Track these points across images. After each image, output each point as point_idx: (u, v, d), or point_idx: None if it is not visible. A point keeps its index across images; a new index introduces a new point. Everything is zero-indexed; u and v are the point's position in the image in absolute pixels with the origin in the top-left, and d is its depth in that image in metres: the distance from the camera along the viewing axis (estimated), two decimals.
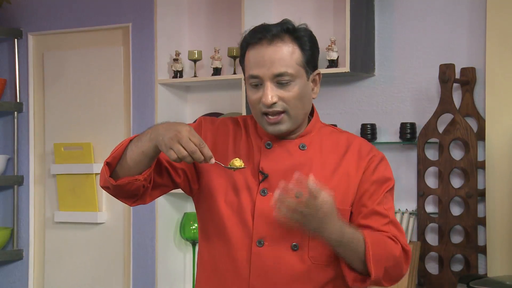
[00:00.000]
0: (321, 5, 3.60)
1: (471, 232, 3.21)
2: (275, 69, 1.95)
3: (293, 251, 1.97)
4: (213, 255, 2.05)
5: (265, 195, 1.99)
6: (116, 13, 4.10)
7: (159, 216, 3.77)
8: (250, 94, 1.99)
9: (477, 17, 3.28)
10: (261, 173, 2.00)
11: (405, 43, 3.44)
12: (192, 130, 1.87)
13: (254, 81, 1.97)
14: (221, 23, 3.87)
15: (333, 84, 3.58)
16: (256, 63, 1.96)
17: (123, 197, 2.03)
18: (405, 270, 1.99)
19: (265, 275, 1.97)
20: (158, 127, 1.92)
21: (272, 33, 1.96)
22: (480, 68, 3.27)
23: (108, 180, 1.97)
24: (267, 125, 1.99)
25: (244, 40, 2.01)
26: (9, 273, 4.38)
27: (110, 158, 1.97)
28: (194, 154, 1.85)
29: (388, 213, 2.00)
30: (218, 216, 2.02)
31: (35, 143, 4.34)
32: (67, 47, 4.26)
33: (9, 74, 4.38)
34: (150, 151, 1.92)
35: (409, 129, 3.35)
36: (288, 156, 2.02)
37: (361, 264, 1.92)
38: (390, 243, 1.95)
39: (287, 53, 1.96)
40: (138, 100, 4.03)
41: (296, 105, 1.98)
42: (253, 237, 1.97)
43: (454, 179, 3.30)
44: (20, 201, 4.34)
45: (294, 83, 1.97)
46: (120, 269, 4.11)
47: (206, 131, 2.08)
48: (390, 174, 2.06)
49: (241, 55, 2.03)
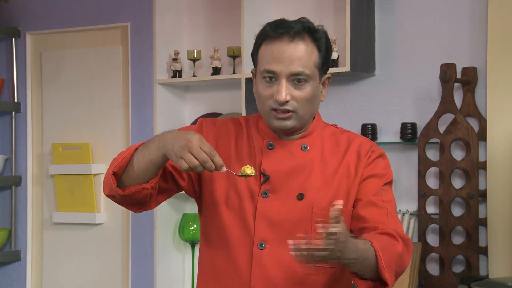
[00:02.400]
0: (321, 4, 3.58)
1: (472, 233, 3.19)
2: (294, 68, 1.93)
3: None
4: (214, 258, 2.03)
5: (266, 197, 1.97)
6: (114, 12, 4.09)
7: (158, 217, 3.75)
8: (262, 88, 1.96)
9: (479, 17, 3.26)
10: (262, 174, 1.99)
11: (406, 42, 3.42)
12: (203, 139, 1.85)
13: (269, 75, 1.95)
14: (221, 23, 3.85)
15: (334, 84, 3.55)
16: (275, 58, 1.93)
17: (129, 205, 2.01)
18: (408, 261, 1.97)
19: (266, 277, 1.96)
20: (166, 135, 1.90)
21: (294, 30, 1.93)
22: (482, 67, 3.25)
23: (115, 190, 1.95)
24: (274, 119, 1.97)
25: (263, 33, 1.98)
26: (6, 275, 4.36)
27: (116, 168, 1.93)
28: (205, 163, 1.83)
29: (384, 204, 1.98)
30: (220, 218, 2.00)
31: (33, 143, 4.32)
32: (65, 46, 4.24)
33: (7, 73, 4.36)
34: (158, 160, 1.90)
35: (410, 129, 3.33)
36: (290, 157, 2.00)
37: (373, 273, 1.88)
38: (392, 243, 1.93)
39: (306, 53, 1.94)
40: (137, 100, 4.01)
41: (306, 106, 1.97)
42: (255, 240, 1.96)
43: (455, 179, 3.28)
44: (18, 202, 4.32)
45: (308, 84, 1.96)
46: (118, 271, 4.08)
47: (208, 133, 2.06)
48: (388, 168, 2.05)
49: (255, 46, 2.00)
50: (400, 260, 1.93)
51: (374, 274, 1.88)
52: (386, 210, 1.98)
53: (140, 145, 1.95)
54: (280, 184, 1.97)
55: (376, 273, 1.87)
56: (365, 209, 1.97)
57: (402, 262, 1.94)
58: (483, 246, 3.21)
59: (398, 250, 1.92)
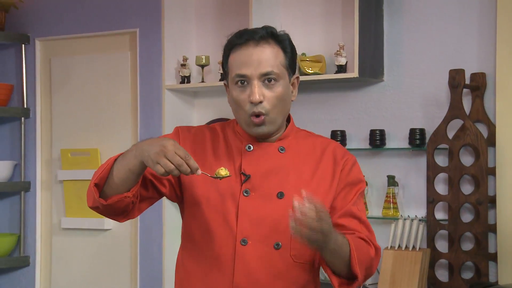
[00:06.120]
0: (330, 10, 3.58)
1: (481, 239, 3.17)
2: (263, 68, 2.02)
3: (275, 249, 2.03)
4: (196, 257, 2.09)
5: (248, 195, 2.05)
6: (123, 18, 4.10)
7: (166, 222, 3.76)
8: (237, 94, 2.05)
9: (487, 22, 3.25)
10: (243, 174, 2.06)
11: (414, 48, 3.41)
12: (177, 144, 1.91)
13: (241, 79, 2.03)
14: (229, 28, 3.80)
15: (342, 89, 3.56)
16: (243, 62, 2.03)
17: (113, 214, 2.07)
18: (375, 269, 2.10)
19: (249, 273, 2.03)
20: (142, 144, 1.96)
21: (259, 35, 2.04)
22: (490, 73, 3.24)
23: (98, 201, 2.01)
24: (252, 126, 2.05)
25: (229, 43, 2.08)
26: (15, 280, 4.37)
27: (97, 179, 2.01)
28: (181, 167, 1.89)
29: (360, 214, 2.09)
30: (202, 218, 2.07)
31: (42, 149, 4.33)
32: (74, 52, 4.25)
33: (16, 79, 4.38)
34: (137, 168, 1.96)
35: (418, 135, 3.32)
36: (268, 158, 2.08)
37: (345, 268, 1.99)
38: (366, 246, 2.05)
39: (272, 54, 2.04)
40: (145, 105, 4.02)
41: (278, 106, 2.05)
42: (237, 236, 2.03)
43: (464, 185, 3.27)
44: (27, 207, 4.33)
45: (278, 83, 2.04)
46: (127, 276, 4.09)
47: (185, 139, 2.13)
48: (362, 177, 2.15)
49: (224, 57, 2.10)
50: (371, 263, 2.05)
51: (346, 269, 1.99)
52: (362, 219, 2.09)
53: (119, 155, 2.01)
54: (260, 183, 2.05)
55: (348, 268, 1.98)
56: (345, 218, 2.07)
57: (372, 265, 2.06)
58: (493, 252, 3.20)
59: (371, 254, 2.06)
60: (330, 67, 3.51)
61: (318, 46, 3.58)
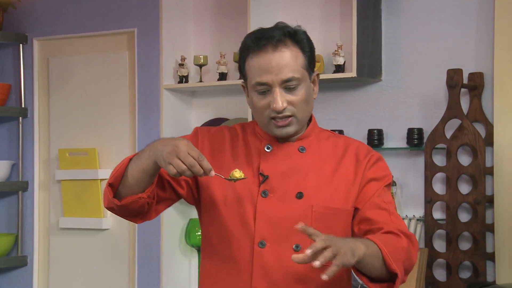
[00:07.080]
0: (328, 9, 3.58)
1: (479, 238, 3.18)
2: (283, 75, 1.97)
3: (295, 251, 1.98)
4: (215, 260, 2.06)
5: (266, 197, 2.01)
6: (121, 18, 4.09)
7: (164, 222, 3.75)
8: (257, 101, 2.01)
9: (485, 22, 3.26)
10: (261, 175, 2.02)
11: (413, 48, 3.42)
12: (190, 144, 1.88)
13: (262, 88, 1.99)
14: (227, 28, 3.85)
15: (340, 89, 3.56)
16: (263, 69, 1.98)
17: (129, 215, 2.05)
18: (415, 257, 1.99)
19: (267, 275, 1.98)
20: (156, 143, 1.94)
21: (276, 39, 1.98)
22: (488, 73, 3.24)
23: (112, 201, 1.99)
24: (274, 128, 2.01)
25: (245, 47, 2.03)
26: (13, 280, 4.36)
27: (112, 179, 1.99)
28: (193, 167, 1.86)
29: (386, 205, 2.02)
30: (220, 220, 2.04)
31: (40, 148, 4.33)
32: (72, 52, 4.25)
33: (14, 79, 4.37)
34: (150, 168, 1.94)
35: (416, 135, 3.33)
36: (287, 159, 2.04)
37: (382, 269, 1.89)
38: (395, 239, 1.95)
39: (292, 58, 1.98)
40: (143, 105, 4.01)
41: (303, 107, 2.01)
42: (255, 239, 1.99)
43: (462, 185, 3.28)
44: (25, 207, 4.33)
45: (300, 86, 2.00)
46: (125, 276, 4.08)
47: (204, 140, 2.10)
48: (387, 170, 2.09)
49: (241, 61, 2.05)
50: (407, 254, 1.95)
51: (383, 270, 1.89)
52: (390, 211, 2.02)
53: (134, 155, 1.99)
54: (279, 184, 2.01)
55: (385, 268, 1.89)
56: (371, 210, 2.01)
57: (408, 256, 1.96)
58: (490, 252, 3.20)
59: (403, 245, 1.95)
60: (328, 66, 3.51)
61: (316, 45, 3.53)
